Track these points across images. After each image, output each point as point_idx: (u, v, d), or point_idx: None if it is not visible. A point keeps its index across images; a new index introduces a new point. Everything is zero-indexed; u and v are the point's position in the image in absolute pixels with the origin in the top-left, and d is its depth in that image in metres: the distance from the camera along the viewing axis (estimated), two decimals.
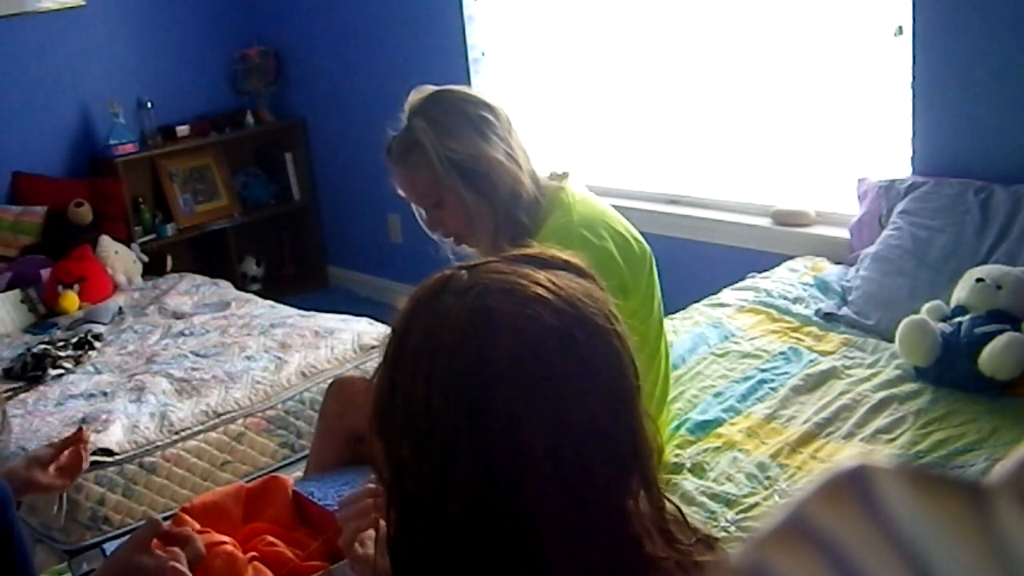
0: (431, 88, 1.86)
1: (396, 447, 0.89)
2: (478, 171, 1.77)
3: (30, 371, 3.12)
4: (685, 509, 1.80)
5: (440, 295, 0.89)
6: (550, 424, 0.84)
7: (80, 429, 1.60)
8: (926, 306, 2.30)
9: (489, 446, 0.83)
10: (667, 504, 0.93)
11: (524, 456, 0.83)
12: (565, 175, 1.89)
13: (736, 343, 2.48)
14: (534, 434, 0.83)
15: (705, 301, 2.73)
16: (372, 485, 1.19)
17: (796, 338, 2.49)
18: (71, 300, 3.67)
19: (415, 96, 1.84)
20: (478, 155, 1.76)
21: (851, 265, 2.74)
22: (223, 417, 2.81)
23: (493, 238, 1.78)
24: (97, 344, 3.34)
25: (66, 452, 1.57)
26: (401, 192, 1.88)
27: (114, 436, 2.64)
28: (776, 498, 1.85)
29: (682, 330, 2.55)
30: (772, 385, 2.27)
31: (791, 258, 2.95)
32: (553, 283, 0.89)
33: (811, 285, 2.75)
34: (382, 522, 1.01)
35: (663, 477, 1.93)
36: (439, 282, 0.91)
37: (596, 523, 0.86)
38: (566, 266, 0.94)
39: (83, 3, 4.21)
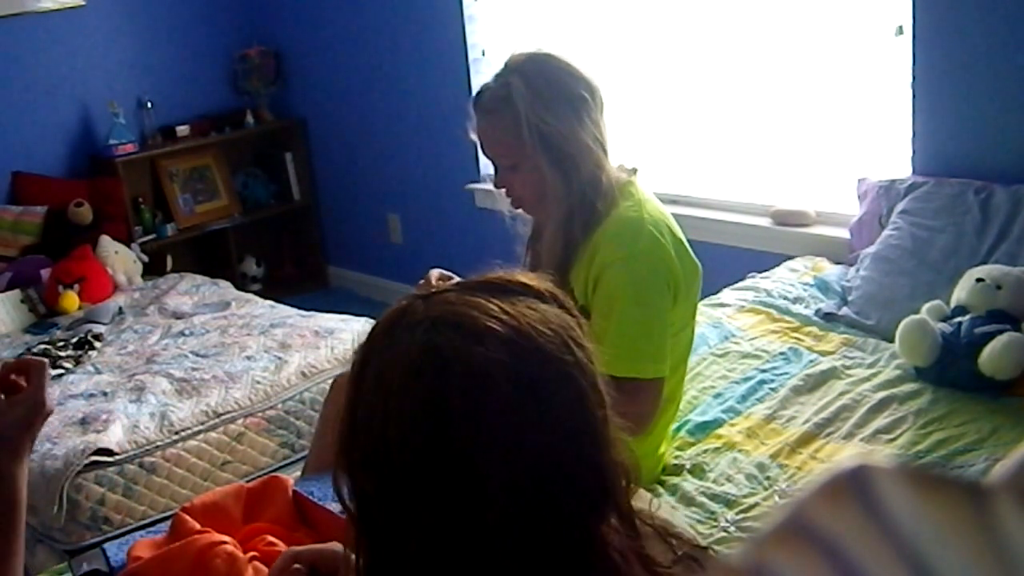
0: (533, 50, 1.79)
1: (360, 482, 0.88)
2: (565, 150, 1.71)
3: None
4: (684, 510, 1.81)
5: (393, 330, 0.88)
6: (506, 459, 0.83)
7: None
8: (926, 306, 2.30)
9: (447, 482, 0.83)
10: (646, 525, 0.91)
11: (482, 492, 0.82)
12: (635, 171, 1.85)
13: (736, 343, 2.48)
14: (491, 470, 0.82)
15: (705, 301, 2.72)
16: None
17: (796, 338, 2.49)
18: (71, 300, 3.67)
19: (517, 54, 1.78)
20: (568, 135, 1.71)
21: (851, 265, 2.74)
22: (223, 417, 2.81)
23: (565, 220, 1.74)
24: (97, 344, 3.34)
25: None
26: (474, 137, 1.83)
27: (114, 436, 2.64)
28: (776, 498, 1.85)
29: None
30: (772, 385, 2.27)
31: (791, 258, 2.95)
32: (507, 312, 0.86)
33: (811, 285, 2.75)
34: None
35: (666, 478, 1.93)
36: (395, 314, 0.90)
37: (567, 554, 0.85)
38: (525, 290, 0.91)
39: (83, 3, 4.21)
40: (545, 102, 1.70)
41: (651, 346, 1.71)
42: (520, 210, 1.87)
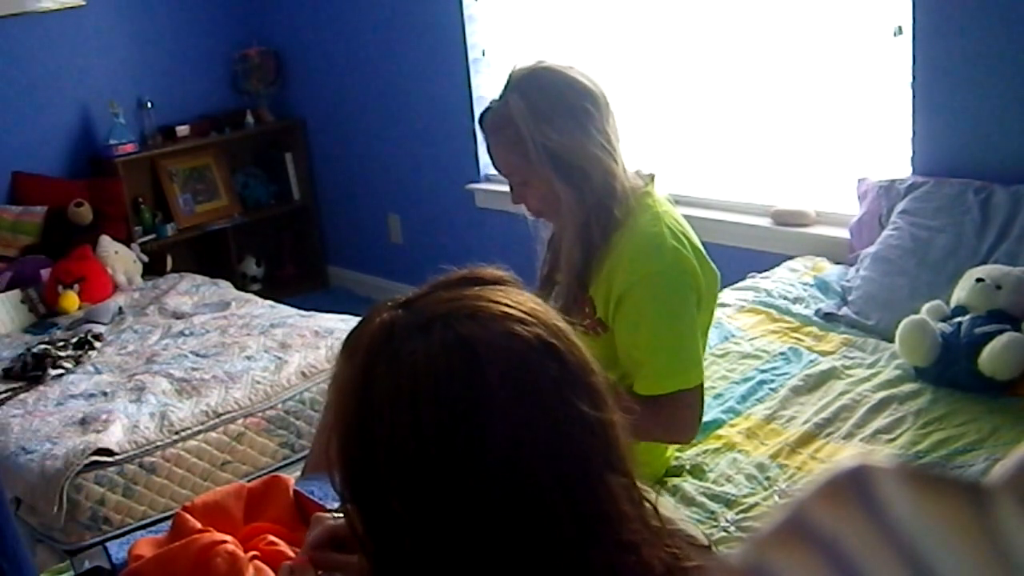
0: (534, 63, 1.77)
1: (383, 506, 0.83)
2: (573, 163, 1.70)
3: (30, 371, 3.12)
4: (684, 510, 1.81)
5: (391, 341, 0.82)
6: (551, 439, 0.80)
7: None
8: (926, 306, 2.30)
9: (492, 479, 0.79)
10: (649, 506, 0.90)
11: (529, 478, 0.79)
12: (652, 177, 1.82)
13: (736, 343, 2.48)
14: (537, 456, 0.79)
15: None
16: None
17: (796, 338, 2.49)
18: (71, 300, 3.67)
19: (518, 70, 1.76)
20: (574, 147, 1.69)
21: (851, 265, 2.74)
22: (223, 417, 2.81)
23: (582, 228, 1.73)
24: (97, 344, 3.34)
25: None
26: (488, 155, 1.83)
27: (114, 436, 2.64)
28: (776, 498, 1.85)
29: None
30: (772, 386, 2.27)
31: (791, 258, 2.95)
32: (507, 297, 0.84)
33: (811, 285, 2.75)
34: None
35: (666, 479, 1.93)
36: (382, 328, 0.84)
37: (597, 534, 0.82)
38: (500, 281, 0.89)
39: (83, 3, 4.21)
40: (546, 117, 1.69)
41: (688, 355, 1.71)
42: (540, 219, 1.86)
